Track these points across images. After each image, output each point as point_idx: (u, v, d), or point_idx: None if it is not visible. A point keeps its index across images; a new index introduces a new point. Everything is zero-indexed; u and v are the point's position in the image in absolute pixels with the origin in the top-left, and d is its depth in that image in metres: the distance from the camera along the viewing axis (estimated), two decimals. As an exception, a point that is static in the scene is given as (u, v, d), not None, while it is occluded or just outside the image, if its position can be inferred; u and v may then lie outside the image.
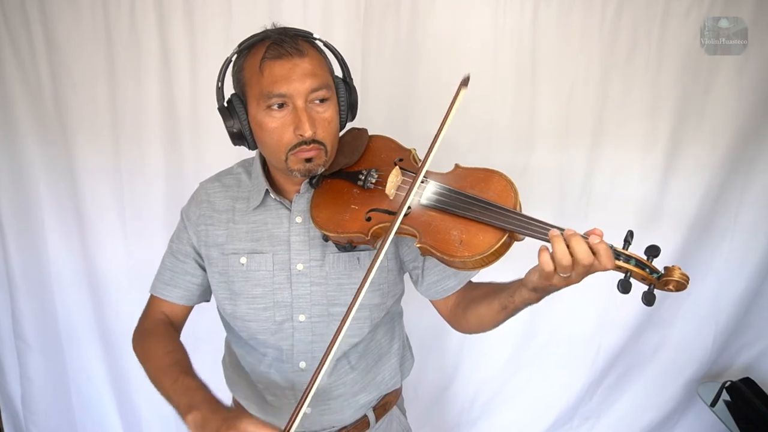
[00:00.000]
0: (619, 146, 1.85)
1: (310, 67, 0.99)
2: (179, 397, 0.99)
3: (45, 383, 2.06)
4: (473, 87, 1.75)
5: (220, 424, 0.89)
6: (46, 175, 1.90)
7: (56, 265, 1.97)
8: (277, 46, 0.98)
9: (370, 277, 0.92)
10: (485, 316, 1.06)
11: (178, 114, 1.83)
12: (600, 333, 2.00)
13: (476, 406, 2.12)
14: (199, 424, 0.92)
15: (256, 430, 0.88)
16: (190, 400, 0.97)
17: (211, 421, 0.91)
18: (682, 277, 0.82)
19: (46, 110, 1.85)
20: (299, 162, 1.02)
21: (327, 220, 1.05)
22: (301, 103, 0.98)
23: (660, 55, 1.77)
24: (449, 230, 0.94)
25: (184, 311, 1.23)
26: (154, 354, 1.11)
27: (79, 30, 1.77)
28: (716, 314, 1.99)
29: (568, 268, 0.82)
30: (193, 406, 0.95)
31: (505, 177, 0.96)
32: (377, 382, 1.23)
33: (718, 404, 1.90)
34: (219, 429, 0.88)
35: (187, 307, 1.23)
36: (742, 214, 1.90)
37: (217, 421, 0.91)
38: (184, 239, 1.18)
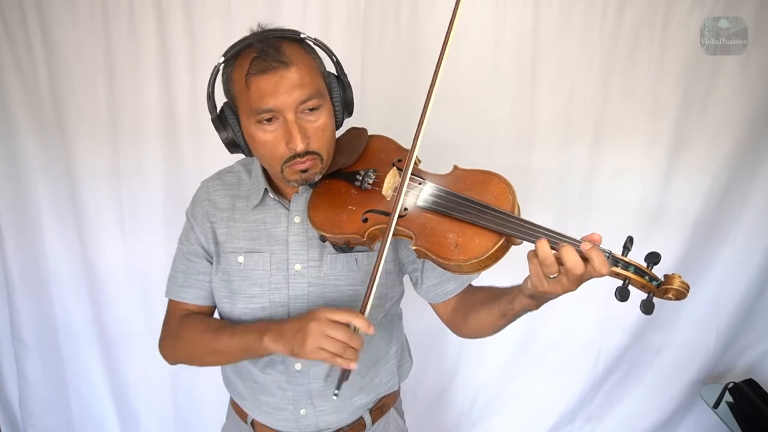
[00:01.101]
0: (620, 147, 1.84)
1: (298, 77, 0.97)
2: (246, 338, 1.03)
3: (43, 384, 2.05)
4: (474, 86, 1.77)
5: (297, 324, 0.95)
6: (44, 175, 1.89)
7: (54, 265, 1.96)
8: (260, 60, 0.95)
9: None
10: (485, 322, 1.05)
11: (176, 114, 1.82)
12: (601, 334, 1.99)
13: (476, 409, 2.11)
14: (276, 337, 0.97)
15: (333, 313, 0.93)
16: (256, 330, 1.01)
17: (287, 328, 0.97)
18: (682, 285, 0.81)
19: (44, 110, 1.84)
20: (295, 173, 1.02)
21: (324, 220, 1.04)
22: (290, 116, 0.97)
23: (662, 54, 1.76)
24: (445, 233, 0.92)
25: (207, 311, 1.21)
26: (195, 336, 1.11)
27: (78, 29, 1.76)
28: (718, 315, 1.98)
29: (551, 267, 0.81)
30: (263, 330, 1.00)
31: (503, 179, 0.95)
32: (374, 384, 1.22)
33: (720, 406, 1.90)
34: (300, 327, 0.93)
35: (209, 308, 1.21)
36: (744, 214, 1.89)
37: (293, 323, 0.96)
38: (193, 239, 1.17)
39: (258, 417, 1.20)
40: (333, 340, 0.91)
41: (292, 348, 0.94)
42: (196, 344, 1.11)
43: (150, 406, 2.09)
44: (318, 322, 0.92)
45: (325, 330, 0.91)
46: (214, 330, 1.09)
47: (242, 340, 1.03)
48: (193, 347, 1.12)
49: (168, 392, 2.07)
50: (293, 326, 0.95)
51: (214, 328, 1.10)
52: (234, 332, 1.05)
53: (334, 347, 0.91)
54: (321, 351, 0.92)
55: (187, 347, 1.14)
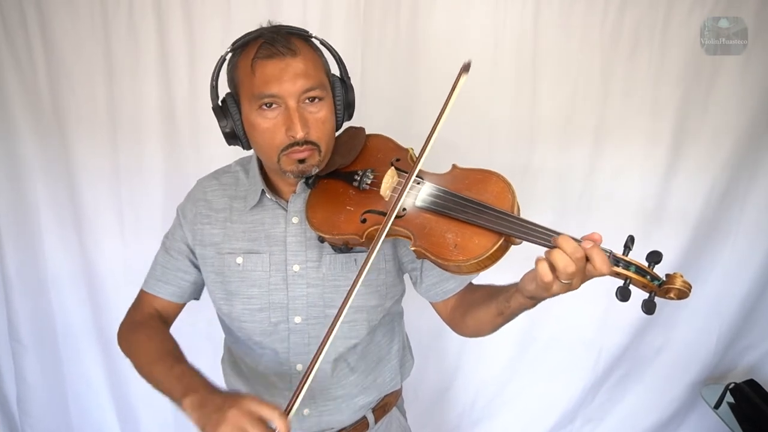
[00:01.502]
0: (620, 146, 1.84)
1: (303, 67, 0.98)
2: (174, 383, 0.97)
3: (41, 385, 2.05)
4: (474, 86, 1.77)
5: (221, 402, 0.88)
6: (43, 174, 1.88)
7: (53, 265, 1.96)
8: (269, 46, 0.97)
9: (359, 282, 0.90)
10: (483, 320, 1.04)
11: (176, 113, 1.82)
12: (602, 334, 1.98)
13: (477, 408, 2.10)
14: (196, 405, 0.90)
15: (259, 407, 0.86)
16: (186, 384, 0.95)
17: (210, 401, 0.89)
18: (684, 285, 0.79)
19: (44, 109, 1.83)
20: (292, 163, 1.01)
21: (322, 221, 1.03)
22: (292, 103, 0.97)
23: (662, 54, 1.75)
24: (444, 233, 0.91)
25: (175, 308, 1.21)
26: (145, 345, 1.09)
27: (77, 29, 1.76)
28: (720, 315, 1.97)
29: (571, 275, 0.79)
30: (189, 389, 0.93)
31: (502, 179, 0.94)
32: (377, 383, 1.22)
33: (721, 406, 1.89)
34: (221, 408, 0.86)
35: (178, 305, 1.21)
36: (745, 214, 1.88)
37: (217, 399, 0.89)
38: (178, 237, 1.17)
39: None
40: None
41: (205, 425, 0.86)
42: (141, 354, 1.08)
43: (150, 407, 2.08)
44: (238, 412, 0.85)
45: (241, 422, 0.84)
46: (163, 352, 1.05)
47: (171, 384, 0.97)
48: (139, 355, 1.09)
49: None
50: (216, 402, 0.88)
51: (163, 351, 1.05)
52: (172, 368, 0.99)
53: None
54: None
55: (133, 351, 1.11)
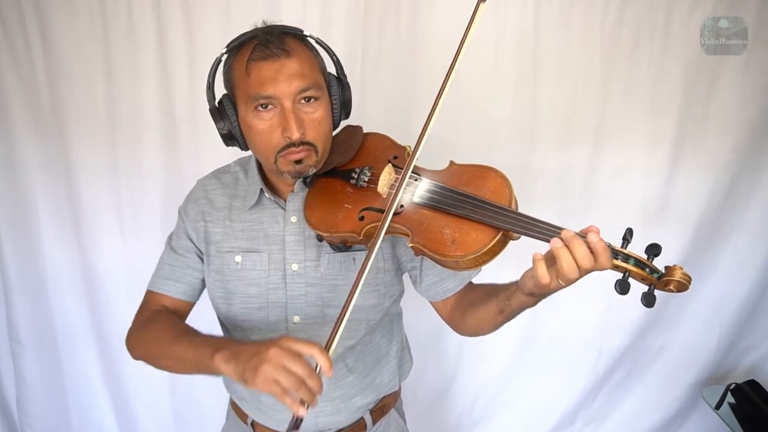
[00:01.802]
0: (621, 146, 1.83)
1: (298, 68, 0.98)
2: (200, 351, 0.93)
3: (40, 385, 2.04)
4: (474, 85, 1.77)
5: (256, 347, 0.85)
6: (42, 174, 1.88)
7: (52, 265, 1.95)
8: (263, 47, 0.97)
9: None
10: (483, 319, 1.04)
11: (175, 112, 1.82)
12: (602, 335, 1.98)
13: (476, 409, 2.10)
14: (230, 357, 0.87)
15: (297, 344, 0.83)
16: (212, 345, 0.92)
17: (244, 350, 0.86)
18: (683, 276, 0.79)
19: (43, 109, 1.83)
20: (289, 164, 1.01)
21: (320, 219, 1.03)
22: (288, 104, 0.97)
23: (663, 52, 1.75)
24: (442, 229, 0.91)
25: (185, 307, 1.18)
26: (159, 334, 1.05)
27: (76, 28, 1.75)
28: (721, 315, 1.97)
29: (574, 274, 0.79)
30: (218, 347, 0.90)
31: (500, 174, 0.94)
32: (375, 384, 1.21)
33: (722, 407, 1.88)
34: (258, 351, 0.83)
35: (188, 303, 1.18)
36: (747, 214, 1.87)
37: (252, 346, 0.86)
38: (183, 235, 1.17)
39: (258, 418, 1.19)
40: (289, 374, 0.80)
41: (243, 372, 0.83)
42: (157, 343, 1.05)
43: (149, 408, 2.08)
44: (279, 349, 0.82)
45: (284, 360, 0.81)
46: (178, 333, 1.02)
47: (197, 352, 0.93)
48: (154, 346, 1.06)
49: (167, 393, 2.06)
50: (252, 348, 0.85)
51: (179, 330, 1.03)
52: (192, 341, 0.96)
53: (288, 381, 0.80)
54: (273, 383, 0.81)
55: (149, 344, 1.08)
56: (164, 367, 1.05)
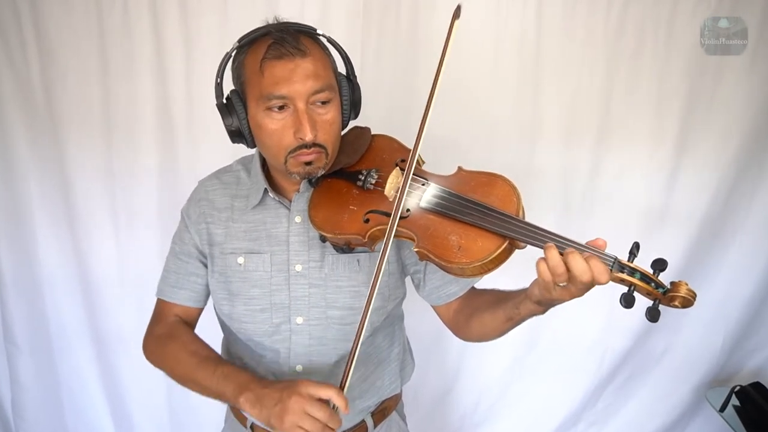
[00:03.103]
0: (624, 146, 1.82)
1: (312, 68, 0.96)
2: (223, 385, 1.00)
3: (36, 387, 2.03)
4: (475, 84, 1.75)
5: (278, 394, 0.92)
6: (36, 174, 1.87)
7: (47, 266, 1.94)
8: (278, 45, 0.95)
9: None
10: (489, 326, 1.03)
11: (172, 112, 1.81)
12: (606, 336, 1.97)
13: (478, 411, 2.09)
14: (253, 401, 0.95)
15: (316, 389, 0.91)
16: (236, 383, 0.98)
17: (267, 395, 0.94)
18: (689, 293, 0.79)
19: (38, 108, 1.82)
20: (299, 165, 1.00)
21: (325, 220, 1.02)
22: (302, 105, 0.96)
23: (667, 51, 1.74)
24: (448, 235, 0.91)
25: (195, 312, 1.20)
26: (181, 356, 1.09)
27: (71, 26, 1.74)
28: (725, 317, 1.96)
29: (562, 276, 0.79)
30: (242, 387, 0.97)
31: (508, 182, 0.93)
32: (376, 387, 1.20)
33: (727, 410, 1.87)
34: (280, 399, 0.91)
35: (198, 309, 1.20)
36: (752, 214, 1.87)
37: (274, 392, 0.93)
38: (186, 239, 1.15)
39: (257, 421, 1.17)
40: (312, 420, 0.90)
41: (269, 419, 0.92)
42: (179, 365, 1.09)
43: (145, 410, 2.07)
44: (299, 397, 0.90)
45: (306, 407, 0.90)
46: (200, 359, 1.07)
47: (220, 385, 1.00)
48: (176, 367, 1.10)
49: (163, 395, 2.05)
50: (273, 395, 0.93)
51: (200, 357, 1.07)
52: (215, 371, 1.02)
53: (312, 427, 0.89)
54: (299, 429, 0.90)
55: (171, 364, 1.11)
56: (185, 386, 1.09)
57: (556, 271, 0.79)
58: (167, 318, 1.17)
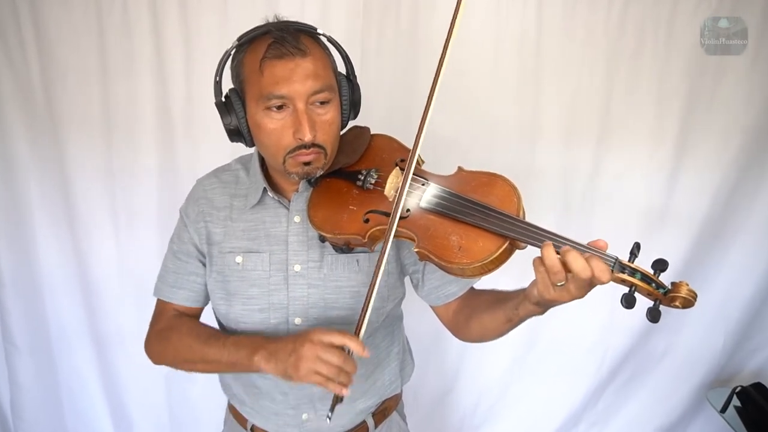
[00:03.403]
0: (625, 146, 1.82)
1: (312, 68, 0.96)
2: (235, 352, 1.01)
3: (35, 388, 2.02)
4: (475, 84, 1.74)
5: (291, 345, 0.93)
6: (36, 173, 1.86)
7: (46, 266, 1.93)
8: (278, 45, 0.95)
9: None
10: (489, 327, 1.03)
11: (172, 111, 1.80)
12: (606, 337, 1.97)
13: (479, 412, 2.08)
14: (267, 357, 0.96)
15: (328, 336, 0.92)
16: (248, 347, 0.99)
17: (281, 348, 0.95)
18: (689, 293, 0.79)
19: (37, 108, 1.81)
20: (297, 165, 1.00)
21: (324, 220, 1.02)
22: (301, 105, 0.96)
23: (667, 51, 1.74)
24: (448, 235, 0.91)
25: (195, 312, 1.19)
26: (185, 340, 1.09)
27: (71, 25, 1.74)
28: (726, 317, 1.96)
29: (559, 275, 0.79)
30: (255, 348, 0.98)
31: (508, 182, 0.93)
32: (377, 387, 1.20)
33: (728, 410, 1.86)
34: (294, 349, 0.92)
35: (197, 309, 1.19)
36: (753, 214, 1.86)
37: (287, 344, 0.95)
38: (185, 238, 1.15)
39: (258, 422, 1.18)
40: (327, 364, 0.90)
41: (285, 370, 0.93)
42: (186, 349, 1.09)
43: (144, 411, 2.06)
44: (312, 344, 0.91)
45: (319, 353, 0.90)
46: (206, 337, 1.07)
47: (232, 354, 1.01)
48: (182, 351, 1.10)
49: (163, 396, 2.04)
50: (286, 347, 0.94)
51: (206, 335, 1.08)
52: (225, 343, 1.03)
53: (328, 371, 0.90)
54: (315, 375, 0.91)
55: (176, 351, 1.11)
56: (196, 370, 1.10)
57: (553, 270, 0.79)
58: (167, 314, 1.17)
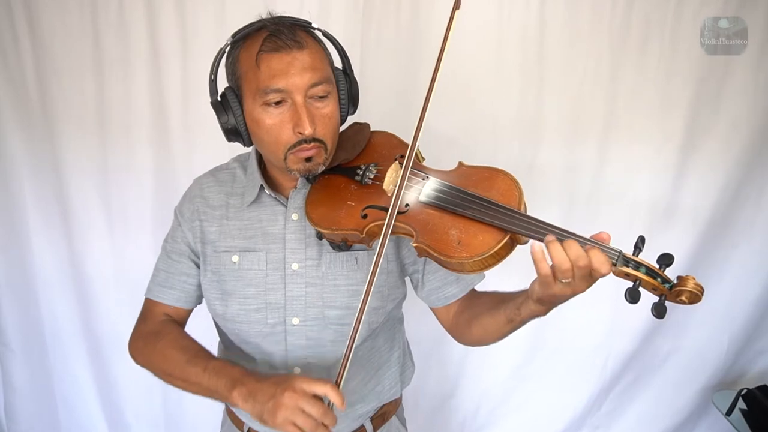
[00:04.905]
0: (630, 143, 1.80)
1: (310, 60, 0.96)
2: (215, 380, 0.97)
3: (29, 391, 2.02)
4: (478, 81, 1.73)
5: (272, 389, 0.90)
6: (30, 172, 1.86)
7: (41, 266, 1.93)
8: (274, 38, 0.94)
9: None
10: (490, 328, 1.02)
11: (167, 108, 1.79)
12: (610, 339, 1.95)
13: (480, 416, 2.07)
14: (246, 395, 0.92)
15: (310, 385, 0.89)
16: (228, 378, 0.96)
17: (260, 390, 0.91)
18: (696, 287, 0.77)
19: (31, 106, 1.80)
20: (299, 161, 0.99)
21: (322, 216, 1.01)
22: (300, 98, 0.95)
23: (673, 48, 1.72)
24: (448, 230, 0.90)
25: (184, 314, 1.19)
26: (169, 353, 1.07)
27: (65, 21, 1.73)
28: (731, 319, 1.94)
29: (567, 272, 0.77)
30: (235, 382, 0.95)
31: (509, 176, 0.93)
32: (377, 391, 1.19)
33: (734, 413, 1.85)
34: (274, 394, 0.89)
35: (186, 310, 1.18)
36: (760, 213, 1.85)
37: (268, 387, 0.91)
38: (179, 238, 1.14)
39: (255, 425, 1.16)
40: (306, 416, 0.87)
41: (261, 414, 0.90)
42: (168, 362, 1.06)
43: (140, 413, 2.05)
44: (293, 393, 0.88)
45: (299, 403, 0.87)
46: (191, 355, 1.04)
47: (212, 381, 0.98)
48: (165, 364, 1.07)
49: (159, 399, 2.04)
50: (267, 390, 0.90)
51: (191, 352, 1.05)
52: (206, 367, 0.99)
53: (305, 424, 0.87)
54: (291, 426, 0.87)
55: (159, 361, 1.08)
56: (175, 385, 1.07)
57: (561, 267, 0.77)
58: (156, 317, 1.16)
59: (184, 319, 1.19)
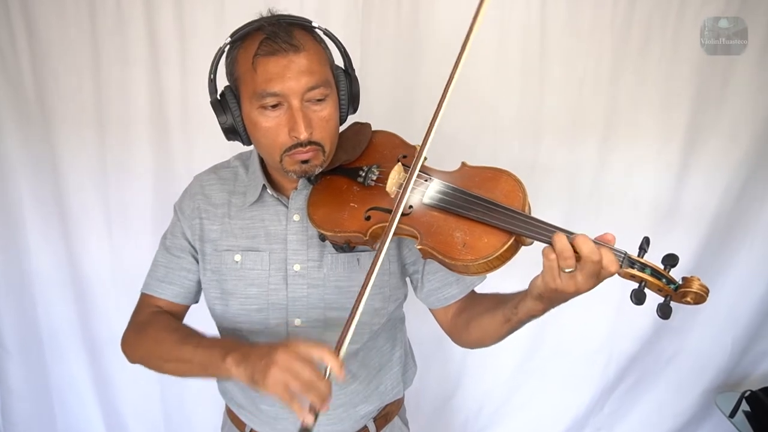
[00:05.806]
0: (632, 142, 1.80)
1: (307, 63, 0.95)
2: (209, 353, 0.93)
3: (26, 392, 2.00)
4: (479, 80, 1.72)
5: (266, 349, 0.85)
6: (28, 172, 1.84)
7: (38, 267, 1.91)
8: (270, 41, 0.94)
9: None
10: (488, 329, 1.01)
11: (166, 106, 1.78)
12: (612, 340, 1.95)
13: (482, 416, 2.06)
14: (239, 359, 0.88)
15: (307, 348, 0.84)
16: (221, 347, 0.92)
17: (254, 352, 0.87)
18: (701, 288, 0.77)
19: (28, 104, 1.79)
20: (295, 163, 0.99)
21: (324, 218, 1.00)
22: (296, 102, 0.94)
23: (674, 47, 1.72)
24: (452, 231, 0.89)
25: (180, 311, 1.16)
26: (161, 335, 1.04)
27: (62, 18, 1.72)
28: (735, 320, 1.94)
29: (570, 260, 0.77)
30: (228, 349, 0.91)
31: (513, 177, 0.92)
32: (379, 392, 1.18)
33: (737, 415, 1.84)
34: (267, 353, 0.84)
35: (183, 306, 1.16)
36: (763, 213, 1.84)
37: (261, 348, 0.87)
38: (179, 234, 1.13)
39: (257, 427, 1.16)
40: (298, 378, 0.81)
41: (253, 374, 0.84)
42: (160, 345, 1.03)
43: (139, 415, 2.04)
44: (287, 353, 0.82)
45: (292, 364, 0.81)
46: (183, 335, 1.01)
47: (205, 354, 0.93)
48: (156, 347, 1.04)
49: (158, 400, 2.03)
50: (261, 351, 0.86)
51: (183, 333, 1.03)
52: (200, 344, 0.96)
53: (296, 385, 0.80)
54: (282, 387, 0.81)
55: (151, 346, 1.06)
56: (167, 369, 1.04)
57: (564, 255, 0.77)
58: (148, 309, 1.14)
59: (182, 317, 1.17)
